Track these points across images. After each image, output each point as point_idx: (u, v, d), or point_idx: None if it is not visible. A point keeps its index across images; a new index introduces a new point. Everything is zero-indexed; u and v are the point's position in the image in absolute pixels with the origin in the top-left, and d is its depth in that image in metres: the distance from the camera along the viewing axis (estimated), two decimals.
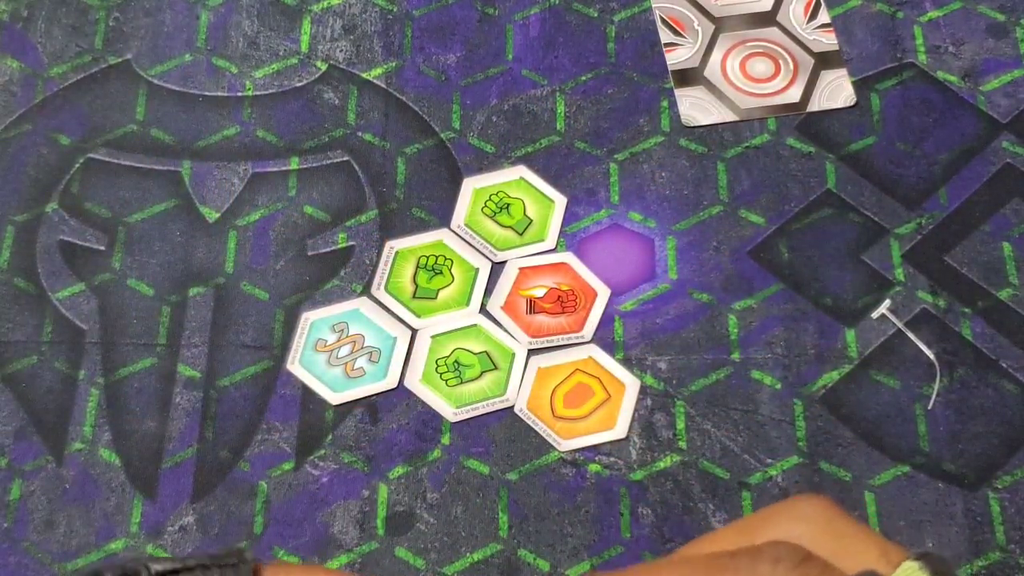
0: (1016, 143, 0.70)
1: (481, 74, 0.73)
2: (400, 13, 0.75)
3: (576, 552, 0.60)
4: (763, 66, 0.72)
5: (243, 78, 0.73)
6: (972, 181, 0.69)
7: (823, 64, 0.72)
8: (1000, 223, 0.68)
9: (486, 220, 0.68)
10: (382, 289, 0.66)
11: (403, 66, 0.73)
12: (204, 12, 0.75)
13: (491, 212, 0.68)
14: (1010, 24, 0.74)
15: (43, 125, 0.71)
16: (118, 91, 0.72)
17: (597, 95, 0.72)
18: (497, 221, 0.68)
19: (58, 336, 0.65)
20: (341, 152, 0.71)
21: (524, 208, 0.69)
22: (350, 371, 0.64)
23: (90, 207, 0.69)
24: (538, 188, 0.69)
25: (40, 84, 0.73)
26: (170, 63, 0.73)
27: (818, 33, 0.73)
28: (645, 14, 0.75)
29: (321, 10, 0.75)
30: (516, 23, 0.75)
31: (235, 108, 0.72)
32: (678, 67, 0.73)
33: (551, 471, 0.62)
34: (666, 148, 0.70)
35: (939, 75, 0.72)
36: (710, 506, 0.61)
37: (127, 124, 0.71)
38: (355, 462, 0.62)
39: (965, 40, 0.73)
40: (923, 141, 0.70)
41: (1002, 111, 0.71)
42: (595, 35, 0.74)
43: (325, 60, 0.73)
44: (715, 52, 0.73)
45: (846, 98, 0.71)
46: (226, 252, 0.68)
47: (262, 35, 0.74)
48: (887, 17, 0.74)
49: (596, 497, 0.61)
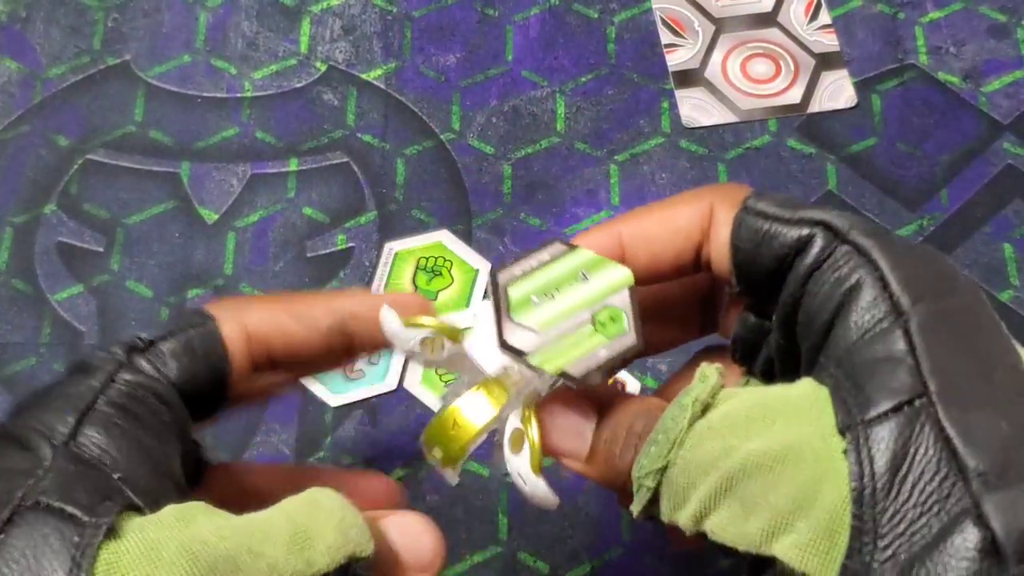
0: (1017, 144, 0.70)
1: (481, 75, 0.73)
2: (400, 14, 0.75)
3: (576, 554, 0.60)
4: (764, 67, 0.72)
5: (242, 79, 0.73)
6: (973, 182, 0.69)
7: (824, 65, 0.72)
8: (1001, 224, 0.68)
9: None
10: (381, 291, 0.66)
11: (403, 67, 0.73)
12: (203, 13, 0.75)
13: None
14: (1011, 25, 0.73)
15: (41, 126, 0.71)
16: (117, 92, 0.72)
17: (597, 96, 0.72)
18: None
19: (57, 338, 0.65)
20: (340, 153, 0.70)
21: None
22: (349, 373, 0.64)
23: (88, 208, 0.69)
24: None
25: (38, 85, 0.72)
26: (169, 64, 0.73)
27: (819, 34, 0.73)
28: (645, 15, 0.75)
29: (320, 11, 0.75)
30: (516, 24, 0.74)
31: (234, 109, 0.72)
32: (678, 68, 0.72)
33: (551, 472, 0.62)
34: (666, 149, 0.70)
35: (940, 76, 0.72)
36: None
37: (126, 125, 0.71)
38: (355, 464, 0.62)
39: (966, 41, 0.73)
40: (924, 142, 0.70)
41: (1003, 112, 0.71)
42: (595, 36, 0.74)
43: (324, 61, 0.73)
44: (715, 53, 0.73)
45: (847, 99, 0.71)
46: (225, 254, 0.68)
47: (261, 36, 0.74)
48: (888, 18, 0.74)
49: (596, 499, 0.61)
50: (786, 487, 0.28)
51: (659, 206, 0.38)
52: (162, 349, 0.34)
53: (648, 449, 0.32)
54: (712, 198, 0.36)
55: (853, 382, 0.29)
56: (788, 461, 0.28)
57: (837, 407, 0.29)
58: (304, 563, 0.29)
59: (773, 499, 0.28)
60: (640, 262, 0.37)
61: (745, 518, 0.29)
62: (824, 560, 0.27)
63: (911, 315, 0.29)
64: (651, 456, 0.32)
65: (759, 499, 0.29)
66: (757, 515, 0.29)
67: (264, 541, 0.29)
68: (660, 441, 0.32)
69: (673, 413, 0.32)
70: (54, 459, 0.29)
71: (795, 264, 0.33)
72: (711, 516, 0.30)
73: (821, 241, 0.32)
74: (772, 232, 0.33)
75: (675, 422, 0.31)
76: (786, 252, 0.33)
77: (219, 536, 0.29)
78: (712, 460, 0.30)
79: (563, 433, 0.36)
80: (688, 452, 0.31)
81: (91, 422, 0.31)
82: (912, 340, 0.29)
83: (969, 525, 0.26)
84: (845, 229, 0.32)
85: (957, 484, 0.26)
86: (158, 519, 0.29)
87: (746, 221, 0.34)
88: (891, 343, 0.29)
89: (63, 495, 0.28)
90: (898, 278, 0.30)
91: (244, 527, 0.30)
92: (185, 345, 0.35)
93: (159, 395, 0.33)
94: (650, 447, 0.32)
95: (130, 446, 0.31)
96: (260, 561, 0.29)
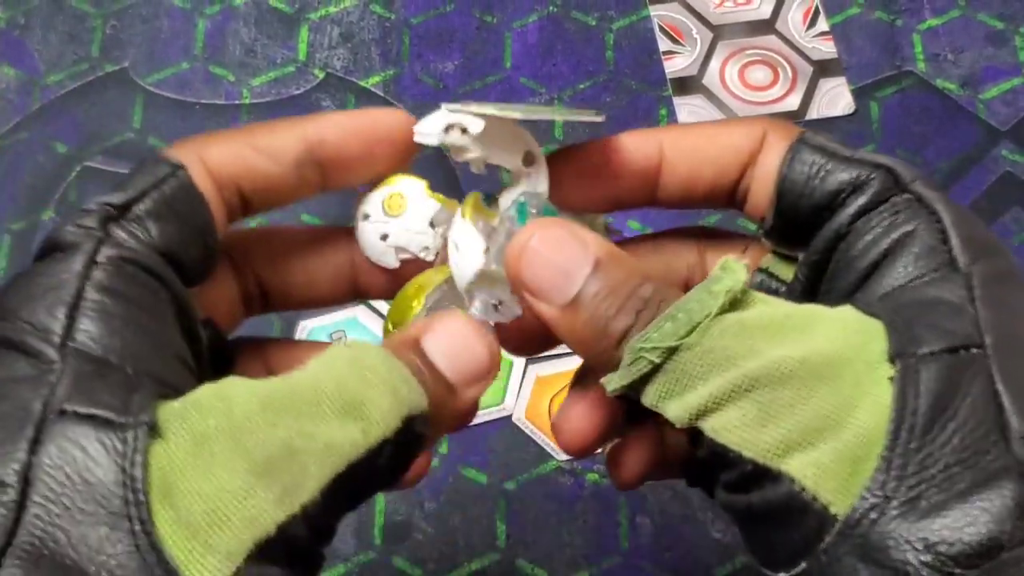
0: (1015, 151, 0.70)
1: (479, 82, 0.73)
2: (398, 21, 0.75)
3: (574, 561, 0.60)
4: (762, 74, 0.72)
5: (240, 86, 0.73)
6: (972, 189, 0.69)
7: (822, 72, 0.72)
8: (1000, 231, 0.67)
9: None
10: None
11: (401, 74, 0.73)
12: (201, 20, 0.75)
13: None
14: (1009, 32, 0.74)
15: (40, 133, 0.71)
16: (115, 99, 0.72)
17: (596, 103, 0.72)
18: None
19: None
20: None
21: None
22: None
23: None
24: None
25: (37, 92, 0.72)
26: (167, 71, 0.73)
27: (817, 41, 0.73)
28: (644, 22, 0.75)
29: (319, 18, 0.75)
30: (514, 31, 0.74)
31: (232, 116, 0.72)
32: (677, 75, 0.72)
33: (549, 480, 0.62)
34: None
35: (938, 83, 0.72)
36: (709, 515, 0.61)
37: (124, 132, 0.71)
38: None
39: (964, 48, 0.73)
40: (922, 149, 0.70)
41: (1001, 119, 0.71)
42: (594, 43, 0.74)
43: (323, 68, 0.73)
44: (714, 60, 0.73)
45: (845, 106, 0.71)
46: None
47: (259, 43, 0.74)
48: (886, 25, 0.74)
49: (595, 506, 0.61)
50: (817, 402, 0.27)
51: (708, 124, 0.36)
52: (138, 212, 0.30)
53: (663, 323, 0.29)
54: (765, 126, 0.35)
55: (901, 318, 0.28)
56: (824, 377, 0.27)
57: (890, 334, 0.28)
58: (360, 434, 0.27)
59: (800, 412, 0.27)
60: (677, 175, 0.35)
61: (761, 424, 0.27)
62: (841, 486, 0.26)
63: (972, 270, 0.29)
64: (664, 331, 0.28)
65: (783, 408, 0.27)
66: (776, 424, 0.27)
67: (315, 417, 0.27)
68: (680, 319, 0.28)
69: (700, 296, 0.29)
70: (63, 360, 0.26)
71: (846, 202, 0.32)
72: (717, 413, 0.28)
73: (879, 184, 0.32)
74: (829, 167, 0.33)
75: (701, 305, 0.28)
76: (841, 188, 0.32)
77: (269, 422, 0.26)
78: (735, 356, 0.28)
79: (547, 267, 0.31)
80: (710, 341, 0.28)
81: (85, 314, 0.27)
82: (973, 292, 0.28)
83: (1008, 483, 0.25)
84: (908, 178, 0.32)
85: (998, 443, 0.26)
86: (198, 403, 0.26)
87: (801, 152, 0.34)
88: (948, 290, 0.28)
89: (89, 398, 0.25)
90: (960, 234, 0.30)
91: (291, 404, 0.27)
92: (163, 204, 0.31)
93: (148, 268, 0.29)
94: (665, 322, 0.29)
95: (133, 334, 0.28)
96: (315, 442, 0.26)
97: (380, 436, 0.27)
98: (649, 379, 0.29)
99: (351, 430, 0.27)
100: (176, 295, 0.30)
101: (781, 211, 0.34)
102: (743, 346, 0.28)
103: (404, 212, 0.36)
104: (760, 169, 0.34)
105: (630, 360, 0.29)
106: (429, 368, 0.30)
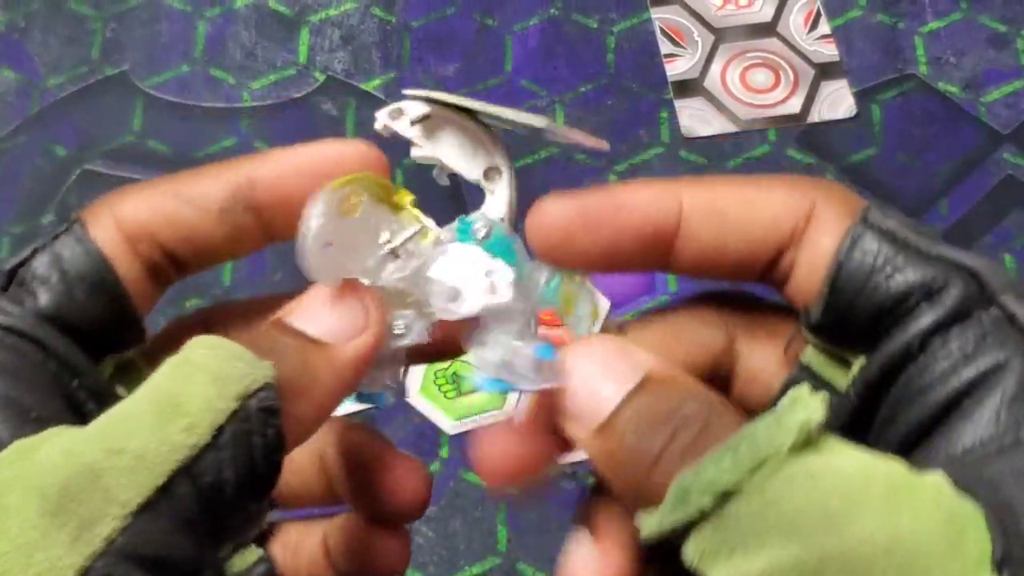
0: (1017, 154, 0.70)
1: (480, 85, 0.73)
2: (399, 24, 0.75)
3: None
4: (763, 77, 0.72)
5: (241, 89, 0.73)
6: (973, 192, 0.69)
7: (824, 75, 0.72)
8: (1001, 235, 0.67)
9: None
10: None
11: (402, 77, 0.73)
12: (201, 23, 0.75)
13: None
14: (1011, 35, 0.73)
15: (39, 136, 0.71)
16: (115, 102, 0.72)
17: (597, 106, 0.72)
18: None
19: None
20: None
21: None
22: None
23: None
24: None
25: (36, 95, 0.72)
26: (167, 74, 0.73)
27: (819, 44, 0.73)
28: (645, 25, 0.75)
29: (319, 21, 0.75)
30: (515, 34, 0.74)
31: (233, 119, 0.72)
32: (678, 78, 0.72)
33: None
34: (666, 159, 0.70)
35: (940, 86, 0.72)
36: None
37: (124, 135, 0.71)
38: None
39: (966, 51, 0.73)
40: (924, 152, 0.70)
41: (1003, 122, 0.71)
42: (595, 46, 0.74)
43: (323, 71, 0.73)
44: (715, 63, 0.73)
45: (847, 109, 0.71)
46: (223, 264, 0.67)
47: (260, 46, 0.74)
48: (888, 28, 0.74)
49: None
50: None
51: (743, 181, 0.29)
52: (23, 276, 0.29)
53: (722, 455, 0.23)
54: (816, 194, 0.28)
55: (1002, 501, 0.22)
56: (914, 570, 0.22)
57: (993, 528, 0.22)
58: (181, 433, 0.25)
59: None
60: (698, 243, 0.29)
61: None
62: None
63: None
64: (723, 467, 0.23)
65: None
66: None
67: (127, 433, 0.25)
68: (743, 453, 0.23)
69: (768, 424, 0.24)
70: None
71: (916, 311, 0.26)
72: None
73: (960, 292, 0.26)
74: (898, 262, 0.26)
75: (770, 436, 0.23)
76: (910, 291, 0.26)
77: (70, 454, 0.24)
78: (803, 519, 0.23)
79: (588, 383, 0.26)
80: (774, 491, 0.23)
81: None
82: None
83: None
84: (997, 288, 0.25)
85: None
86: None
87: (864, 239, 0.27)
88: None
89: None
90: None
91: (102, 428, 0.25)
92: (52, 266, 0.29)
93: (24, 334, 0.27)
94: (725, 453, 0.23)
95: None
96: (123, 458, 0.24)
97: (210, 425, 0.25)
98: (693, 527, 0.23)
99: (170, 431, 0.25)
100: (65, 361, 0.28)
101: (831, 305, 0.27)
102: (815, 507, 0.23)
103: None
104: (809, 250, 0.28)
105: (674, 498, 0.24)
106: (283, 331, 0.28)
